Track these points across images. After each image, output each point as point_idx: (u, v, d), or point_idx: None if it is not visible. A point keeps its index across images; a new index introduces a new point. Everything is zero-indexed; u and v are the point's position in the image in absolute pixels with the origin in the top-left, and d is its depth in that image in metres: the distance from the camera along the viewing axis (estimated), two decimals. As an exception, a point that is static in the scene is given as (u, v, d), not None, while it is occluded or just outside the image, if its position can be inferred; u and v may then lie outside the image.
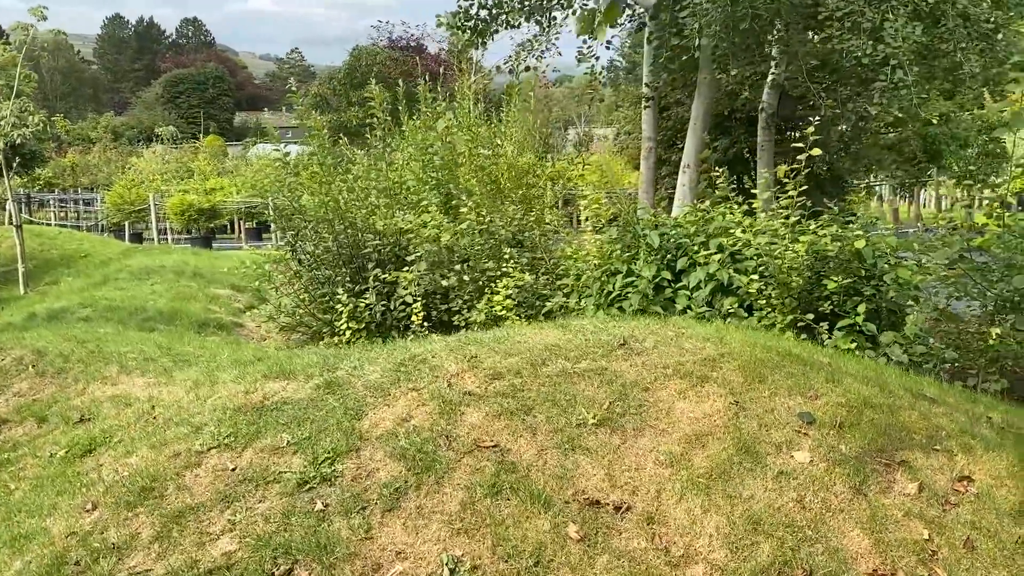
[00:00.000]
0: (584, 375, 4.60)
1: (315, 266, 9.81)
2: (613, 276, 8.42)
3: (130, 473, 4.51)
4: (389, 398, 4.55)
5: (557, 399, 4.40)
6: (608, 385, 4.52)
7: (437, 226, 9.24)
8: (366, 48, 61.85)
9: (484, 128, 11.50)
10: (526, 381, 4.56)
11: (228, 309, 11.44)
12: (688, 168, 11.70)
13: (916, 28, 9.07)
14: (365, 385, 4.71)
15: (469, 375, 4.67)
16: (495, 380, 4.59)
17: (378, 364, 4.96)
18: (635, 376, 4.60)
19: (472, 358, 4.83)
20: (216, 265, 14.43)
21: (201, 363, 6.65)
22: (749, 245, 7.94)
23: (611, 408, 4.34)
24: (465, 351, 4.94)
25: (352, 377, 4.85)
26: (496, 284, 8.98)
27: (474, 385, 4.57)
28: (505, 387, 4.51)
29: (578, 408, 4.33)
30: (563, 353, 4.84)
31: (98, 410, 6.10)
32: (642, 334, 5.10)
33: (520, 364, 4.71)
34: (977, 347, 6.69)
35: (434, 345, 5.13)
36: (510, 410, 4.33)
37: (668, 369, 4.66)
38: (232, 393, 5.18)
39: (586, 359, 4.77)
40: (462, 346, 5.03)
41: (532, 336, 5.13)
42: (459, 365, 4.77)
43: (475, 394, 4.48)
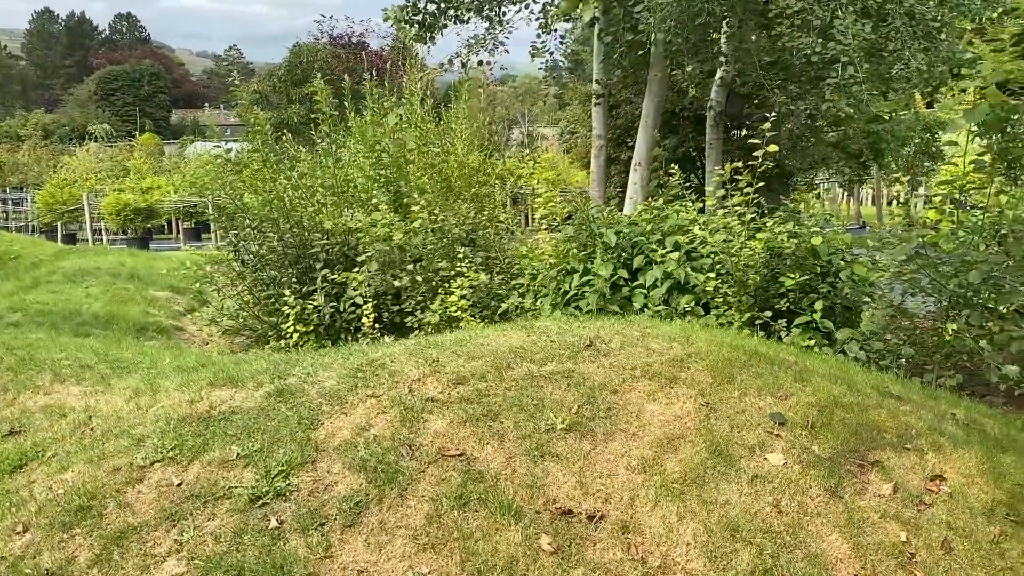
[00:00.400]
0: (551, 378, 4.43)
1: (260, 267, 9.47)
2: (569, 275, 8.28)
3: (66, 491, 4.20)
4: (346, 406, 4.31)
5: (524, 404, 4.22)
6: (576, 388, 4.35)
7: (388, 225, 8.98)
8: (307, 45, 60.85)
9: (433, 125, 11.26)
10: (491, 386, 4.37)
11: (168, 312, 10.99)
12: (639, 166, 11.64)
13: (865, 26, 9.14)
14: (320, 392, 4.47)
15: (431, 380, 4.46)
16: (459, 385, 4.39)
17: (333, 370, 4.72)
18: (603, 378, 4.45)
19: (434, 362, 4.62)
20: (154, 266, 13.90)
21: (141, 370, 6.30)
22: (705, 243, 7.89)
23: (580, 412, 4.17)
24: (426, 355, 4.73)
25: (305, 384, 4.59)
26: (450, 284, 8.77)
27: (437, 391, 4.36)
28: (469, 392, 4.31)
29: (546, 413, 4.16)
30: (528, 356, 4.66)
31: (30, 422, 5.71)
32: (608, 335, 4.96)
33: (484, 368, 4.52)
34: (932, 343, 6.72)
35: (392, 349, 4.90)
36: (476, 416, 4.13)
37: (636, 370, 4.52)
38: (176, 402, 4.88)
39: (552, 361, 4.60)
40: (422, 350, 4.82)
41: (495, 338, 4.94)
42: (420, 370, 4.56)
43: (438, 400, 4.28)
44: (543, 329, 5.09)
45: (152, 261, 14.51)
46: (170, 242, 26.83)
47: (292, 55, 55.11)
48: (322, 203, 9.53)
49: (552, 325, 5.19)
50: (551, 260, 8.51)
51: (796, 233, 7.30)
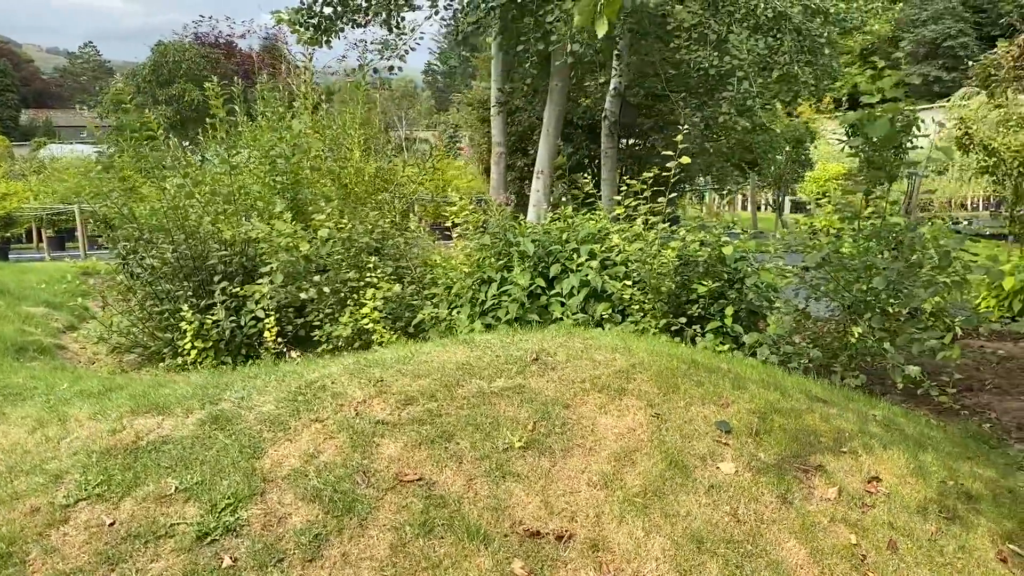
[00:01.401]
0: (502, 395, 4.37)
1: (152, 280, 8.93)
2: (485, 284, 8.23)
3: (-24, 538, 3.81)
4: (290, 432, 4.11)
5: (479, 423, 4.14)
6: (529, 404, 4.31)
7: (292, 234, 8.66)
8: (173, 44, 58.27)
9: (330, 131, 10.96)
10: (442, 405, 4.26)
11: (46, 330, 10.22)
12: (542, 174, 11.72)
13: (759, 41, 9.53)
14: (259, 418, 4.24)
15: (378, 402, 4.31)
16: (408, 406, 4.27)
17: (269, 393, 4.49)
18: (554, 393, 4.42)
19: (378, 382, 4.47)
20: (23, 280, 12.89)
21: (37, 396, 5.81)
22: (619, 251, 8.02)
23: (536, 429, 4.13)
24: (368, 374, 4.57)
25: (241, 410, 4.35)
26: (359, 295, 8.55)
27: (385, 413, 4.22)
28: (420, 413, 4.20)
29: (502, 431, 4.10)
30: (476, 372, 4.58)
31: (-89, 459, 5.17)
32: (552, 347, 4.94)
33: (433, 386, 4.41)
34: (836, 345, 7.06)
35: (331, 369, 4.71)
36: (430, 438, 4.02)
37: (585, 383, 4.52)
38: (93, 433, 4.52)
39: (501, 377, 4.54)
40: (363, 369, 4.65)
41: (438, 355, 4.83)
42: (365, 391, 4.40)
43: (388, 423, 4.14)
44: (486, 344, 5.02)
45: (21, 274, 13.46)
46: (31, 252, 25.02)
47: (157, 54, 52.61)
48: (219, 212, 9.09)
49: (494, 339, 5.13)
50: (466, 269, 8.43)
51: (706, 241, 7.52)
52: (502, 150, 13.04)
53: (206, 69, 57.42)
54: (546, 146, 11.59)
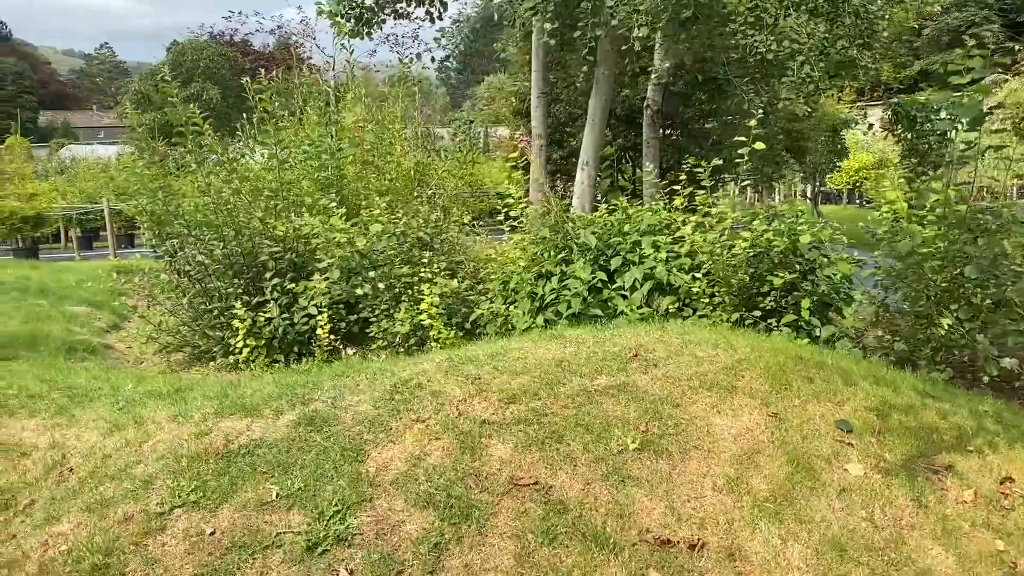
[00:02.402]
0: (607, 393, 4.14)
1: (201, 278, 8.76)
2: (543, 279, 8.01)
3: (69, 547, 3.63)
4: (392, 433, 3.90)
5: (588, 423, 3.92)
6: (636, 403, 4.08)
7: (346, 230, 8.47)
8: (190, 43, 58.46)
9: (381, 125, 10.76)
10: (546, 404, 4.04)
11: (91, 329, 10.08)
12: (587, 165, 11.47)
13: (819, 24, 9.24)
14: (357, 419, 4.03)
15: (479, 401, 4.10)
16: (511, 405, 4.05)
17: (363, 393, 4.28)
18: (660, 391, 4.19)
19: (476, 380, 4.25)
20: (62, 279, 12.78)
21: (104, 398, 5.64)
22: (682, 242, 7.78)
23: (648, 430, 3.91)
24: (464, 372, 4.35)
25: (336, 410, 4.14)
26: (414, 291, 8.35)
27: (488, 412, 4.00)
28: (525, 412, 3.98)
29: (613, 432, 3.87)
30: (575, 369, 4.36)
31: (-18, 464, 5.01)
32: (648, 343, 4.71)
33: (533, 384, 4.19)
34: (919, 337, 6.78)
35: (424, 366, 4.49)
36: (539, 439, 3.80)
37: (692, 381, 4.28)
38: (177, 436, 4.33)
39: (603, 374, 4.31)
40: (457, 366, 4.44)
41: (532, 351, 4.60)
42: (464, 389, 4.18)
43: (493, 423, 3.92)
44: (578, 339, 4.79)
45: (58, 274, 13.34)
46: (60, 251, 25.01)
47: (175, 54, 52.72)
48: (268, 208, 8.90)
49: (586, 334, 4.90)
50: (522, 264, 8.21)
51: (782, 231, 7.26)
52: (543, 142, 12.79)
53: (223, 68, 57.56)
54: (592, 136, 11.33)
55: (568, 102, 14.99)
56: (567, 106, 14.87)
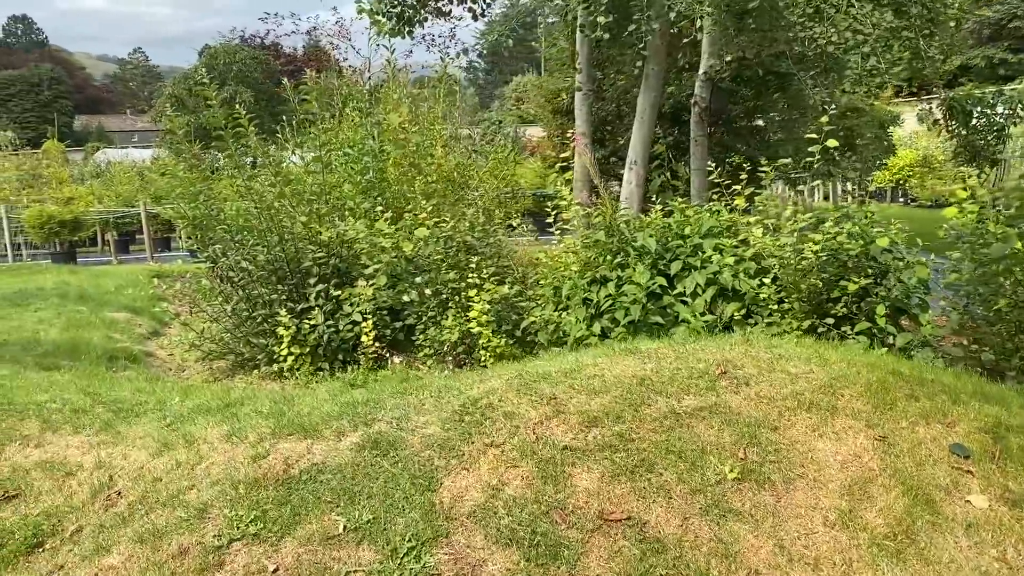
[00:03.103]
0: (697, 415, 3.80)
1: (246, 284, 8.53)
2: (598, 284, 7.67)
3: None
4: (464, 459, 3.58)
5: (680, 449, 3.57)
6: (730, 427, 3.73)
7: (391, 235, 8.20)
8: (223, 46, 58.91)
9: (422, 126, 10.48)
10: (631, 428, 3.70)
11: (131, 336, 9.91)
12: (635, 165, 11.10)
13: (885, 14, 8.80)
14: (425, 443, 3.72)
15: (557, 423, 3.77)
16: (592, 428, 3.72)
17: (430, 413, 3.97)
18: (755, 412, 3.84)
19: (551, 400, 3.93)
20: (101, 284, 12.67)
21: (150, 413, 5.41)
22: (747, 245, 7.41)
23: (747, 456, 3.56)
24: (537, 391, 4.03)
25: (402, 432, 3.84)
26: (461, 297, 8.06)
27: (569, 437, 3.67)
28: (609, 437, 3.64)
29: (709, 459, 3.53)
30: (659, 388, 4.02)
31: (26, 483, 4.78)
32: (733, 357, 4.35)
33: (615, 405, 3.85)
34: (1009, 346, 6.35)
35: (492, 384, 4.18)
36: (628, 468, 3.47)
37: (788, 401, 3.92)
38: (232, 458, 4.06)
39: (690, 394, 3.96)
40: (529, 384, 4.11)
41: (608, 367, 4.27)
42: (539, 410, 3.86)
43: (575, 448, 3.59)
44: (657, 353, 4.45)
45: (97, 279, 13.25)
46: (96, 255, 25.08)
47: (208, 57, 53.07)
48: (317, 212, 8.65)
49: (664, 348, 4.55)
50: (575, 268, 7.88)
51: (856, 234, 6.86)
52: (587, 141, 12.45)
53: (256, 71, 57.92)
54: (640, 135, 10.96)
55: (611, 100, 14.62)
56: (609, 104, 14.50)
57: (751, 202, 8.23)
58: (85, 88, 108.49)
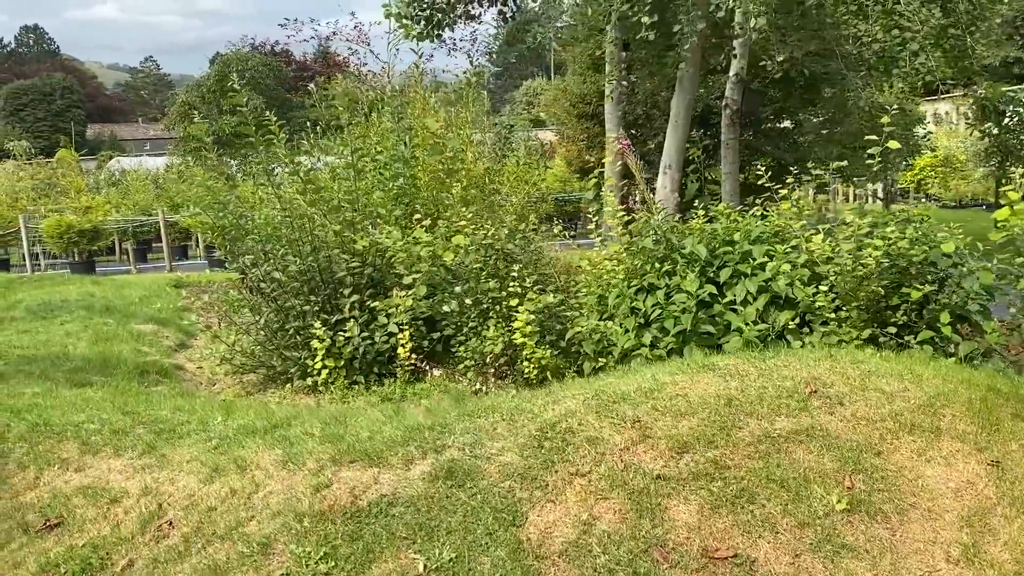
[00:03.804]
0: (794, 439, 3.54)
1: (279, 295, 8.31)
2: (645, 293, 7.42)
3: (185, 628, 3.13)
4: (549, 490, 3.34)
5: (780, 477, 3.32)
6: (831, 451, 3.47)
7: (430, 243, 7.97)
8: (235, 53, 58.95)
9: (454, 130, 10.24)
10: (725, 453, 3.45)
11: (159, 348, 9.71)
12: (670, 169, 10.85)
13: (934, 10, 8.53)
14: (504, 472, 3.48)
15: (644, 449, 3.52)
16: (683, 454, 3.46)
17: (504, 438, 3.72)
18: (854, 435, 3.57)
19: (635, 423, 3.67)
20: (125, 295, 12.48)
21: (194, 434, 5.18)
22: (799, 251, 7.14)
23: (853, 485, 3.30)
24: (617, 412, 3.78)
25: (476, 460, 3.59)
26: (502, 306, 7.82)
27: (659, 464, 3.42)
28: (703, 464, 3.39)
29: (813, 488, 3.27)
30: (748, 409, 3.76)
31: (70, 510, 4.56)
32: (822, 375, 4.09)
33: (704, 428, 3.60)
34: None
35: (568, 405, 3.92)
36: (727, 499, 3.21)
37: (887, 422, 3.66)
38: (291, 487, 3.82)
39: (781, 415, 3.70)
40: (607, 405, 3.86)
41: (688, 385, 4.01)
42: (623, 435, 3.60)
43: (668, 477, 3.34)
44: (737, 370, 4.18)
45: (120, 289, 13.05)
46: (115, 264, 24.98)
47: (221, 64, 53.12)
48: (350, 220, 8.42)
49: (745, 364, 4.28)
50: (619, 276, 7.63)
51: (917, 238, 6.58)
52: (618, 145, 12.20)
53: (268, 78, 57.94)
54: (675, 138, 10.70)
55: (639, 103, 14.37)
56: (638, 107, 14.25)
57: (795, 206, 7.96)
58: (97, 97, 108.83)
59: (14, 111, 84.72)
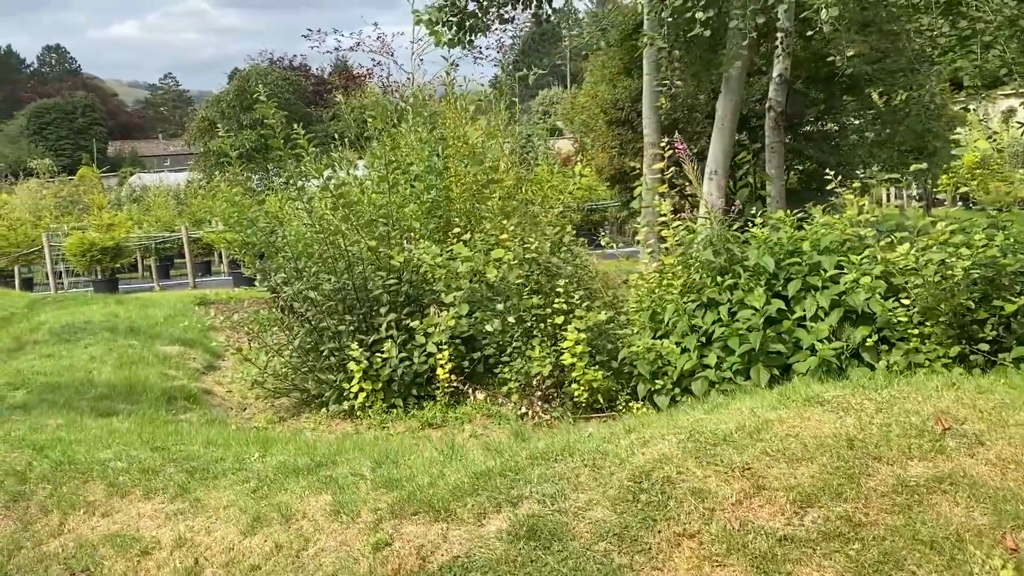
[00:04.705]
0: (934, 488, 3.02)
1: (314, 315, 7.88)
2: (705, 309, 6.92)
3: None
4: (653, 555, 2.84)
5: (927, 536, 2.80)
6: (980, 503, 2.95)
7: (469, 258, 7.50)
8: (254, 68, 59.02)
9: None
10: (857, 507, 2.94)
11: (186, 371, 9.30)
12: (715, 175, 10.31)
13: None
14: (596, 530, 2.98)
15: (760, 503, 3.01)
16: (808, 509, 2.96)
17: (590, 489, 3.23)
18: (1004, 482, 3.05)
19: (744, 470, 3.17)
20: (150, 315, 12.11)
21: (230, 474, 4.72)
22: (874, 261, 6.61)
23: (1018, 546, 2.78)
24: (720, 457, 3.27)
25: (560, 515, 3.10)
26: (546, 324, 7.33)
27: (780, 522, 2.92)
28: (833, 522, 2.88)
29: (968, 549, 2.75)
30: (874, 451, 3.24)
31: (96, 562, 4.11)
32: (949, 407, 3.56)
33: (828, 477, 3.09)
34: None
35: (661, 448, 3.42)
36: (869, 565, 2.70)
37: (1040, 466, 3.14)
38: (346, 543, 3.35)
39: (914, 459, 3.19)
40: (706, 448, 3.36)
41: (797, 423, 3.50)
42: (732, 485, 3.10)
43: (794, 539, 2.83)
44: (850, 403, 3.66)
45: (145, 309, 12.69)
46: (137, 281, 24.73)
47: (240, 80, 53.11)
48: (384, 236, 7.98)
49: (855, 396, 3.75)
50: (675, 291, 7.13)
51: (1011, 247, 6.04)
52: (657, 151, 11.70)
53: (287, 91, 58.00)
54: (721, 142, 10.17)
55: (677, 106, 13.84)
56: (677, 110, 13.70)
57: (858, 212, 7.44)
58: (118, 114, 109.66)
59: (37, 130, 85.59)
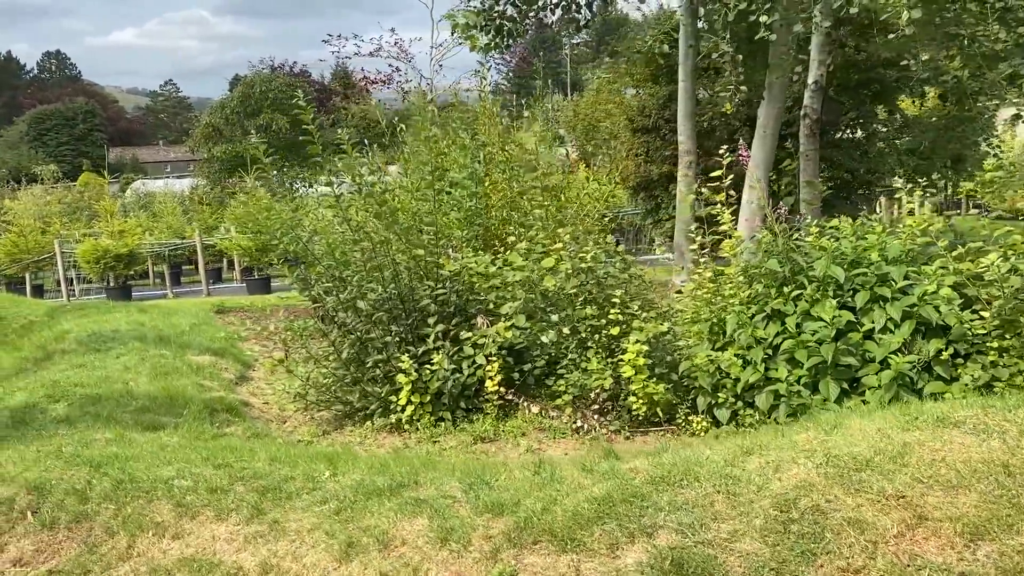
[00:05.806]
0: (1111, 519, 2.82)
1: (357, 326, 7.67)
2: (769, 320, 6.73)
3: None
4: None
5: (1119, 573, 2.60)
6: None
7: (522, 268, 7.31)
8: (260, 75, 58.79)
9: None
10: (1036, 543, 2.73)
11: (221, 382, 9.08)
12: (758, 183, 10.17)
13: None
14: (749, 565, 2.75)
15: (925, 535, 2.81)
16: (979, 542, 2.75)
17: (730, 518, 3.01)
18: None
19: (899, 500, 2.96)
20: (175, 324, 11.87)
21: (304, 495, 4.51)
22: (947, 271, 6.42)
23: None
24: (867, 485, 3.06)
25: (704, 547, 2.87)
26: (601, 336, 7.14)
27: (951, 556, 2.71)
28: (1010, 556, 2.67)
29: None
30: (1034, 478, 3.04)
31: (174, 591, 3.91)
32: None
33: (993, 507, 2.88)
34: None
35: (799, 472, 3.20)
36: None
37: None
38: (461, 574, 3.14)
39: (1080, 487, 2.99)
40: (849, 475, 3.15)
41: (938, 447, 3.29)
42: (891, 516, 2.89)
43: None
44: (987, 425, 3.44)
45: (169, 318, 12.44)
46: (148, 288, 24.49)
47: (244, 86, 52.88)
48: (431, 245, 7.78)
49: (989, 417, 3.54)
50: (736, 302, 6.94)
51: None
52: (692, 158, 11.55)
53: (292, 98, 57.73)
54: (763, 150, 10.04)
55: (711, 114, 13.70)
56: (712, 119, 13.57)
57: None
58: (118, 121, 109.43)
59: (37, 136, 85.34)
